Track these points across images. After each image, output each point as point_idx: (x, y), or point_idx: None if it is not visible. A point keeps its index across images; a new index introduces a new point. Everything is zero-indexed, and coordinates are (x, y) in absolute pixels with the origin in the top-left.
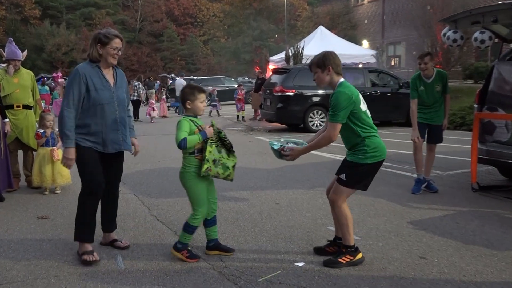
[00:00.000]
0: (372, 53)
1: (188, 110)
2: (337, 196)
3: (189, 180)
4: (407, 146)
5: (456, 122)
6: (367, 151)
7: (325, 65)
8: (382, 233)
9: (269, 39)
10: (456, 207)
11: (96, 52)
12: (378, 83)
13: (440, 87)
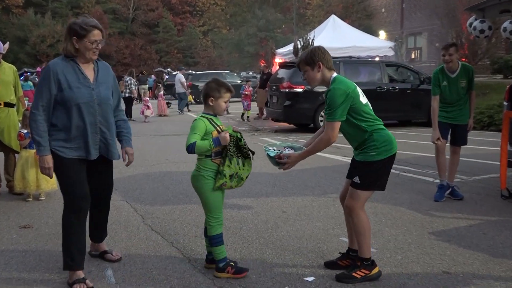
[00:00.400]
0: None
1: (208, 108)
2: (355, 201)
3: (205, 184)
4: (428, 148)
5: (484, 122)
6: (377, 146)
7: (315, 62)
8: (401, 245)
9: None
10: (483, 216)
11: (72, 47)
12: (396, 79)
13: (465, 83)
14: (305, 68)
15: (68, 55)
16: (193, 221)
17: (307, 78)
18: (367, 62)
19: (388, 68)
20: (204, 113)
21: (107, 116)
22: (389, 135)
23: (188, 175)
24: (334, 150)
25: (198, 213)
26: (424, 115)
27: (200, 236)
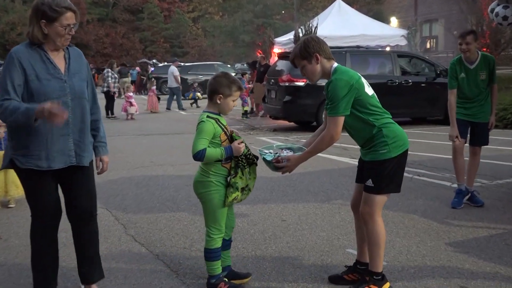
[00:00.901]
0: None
1: (214, 106)
2: (371, 208)
3: (213, 192)
4: (445, 149)
5: (507, 119)
6: (387, 142)
7: (311, 54)
8: (415, 257)
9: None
10: (506, 225)
11: (39, 32)
12: (410, 71)
13: (485, 75)
14: (302, 63)
15: (34, 41)
16: (181, 231)
17: (306, 74)
18: (377, 52)
19: (400, 59)
20: (209, 112)
21: (82, 113)
22: (399, 129)
23: (176, 179)
24: (341, 152)
25: (187, 222)
26: (441, 111)
27: (189, 248)
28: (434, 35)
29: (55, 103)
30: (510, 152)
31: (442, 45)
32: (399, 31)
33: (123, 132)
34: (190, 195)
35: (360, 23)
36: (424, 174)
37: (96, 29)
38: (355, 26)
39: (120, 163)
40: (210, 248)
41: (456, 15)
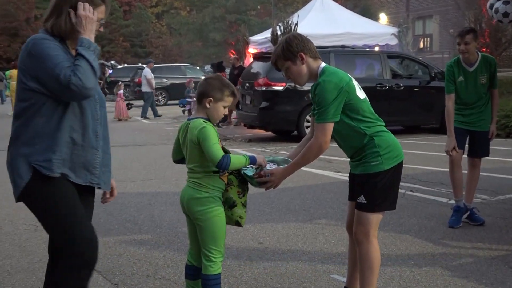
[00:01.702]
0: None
1: (203, 110)
2: (365, 227)
3: (213, 209)
4: (442, 161)
5: (510, 128)
6: (379, 153)
7: (294, 53)
8: (408, 283)
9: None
10: (509, 245)
11: (68, 23)
12: (401, 73)
13: (486, 79)
14: (286, 65)
15: (56, 34)
16: (144, 256)
17: (291, 77)
18: (364, 52)
19: (390, 61)
20: (199, 118)
21: (106, 126)
22: (393, 139)
23: (137, 197)
24: (324, 165)
25: (151, 245)
26: (436, 119)
27: (152, 275)
28: (428, 34)
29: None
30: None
31: (437, 45)
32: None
33: None
34: (154, 215)
35: (346, 20)
36: (418, 190)
37: None
38: (339, 23)
39: None
40: (212, 274)
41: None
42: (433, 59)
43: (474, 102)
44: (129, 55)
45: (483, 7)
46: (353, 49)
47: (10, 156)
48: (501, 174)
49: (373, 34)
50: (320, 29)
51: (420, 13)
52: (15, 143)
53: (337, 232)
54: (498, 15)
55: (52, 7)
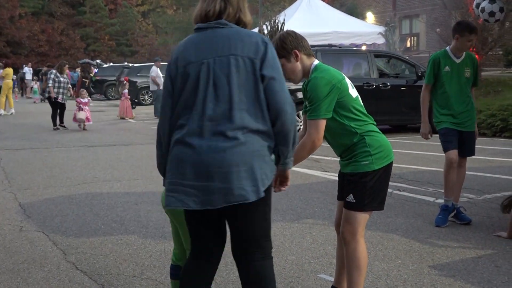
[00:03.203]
0: (380, 31)
1: None
2: (353, 227)
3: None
4: (429, 160)
5: (496, 127)
6: (370, 153)
7: (289, 51)
8: (395, 282)
9: None
10: (496, 244)
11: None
12: (388, 73)
13: (470, 73)
14: (280, 62)
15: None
16: (130, 256)
17: (286, 75)
18: (351, 52)
19: (377, 60)
20: None
21: None
22: (384, 139)
23: (124, 197)
24: (312, 164)
25: (137, 246)
26: None
27: (139, 275)
28: (415, 33)
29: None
30: (499, 163)
31: (424, 44)
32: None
33: (63, 143)
34: (140, 215)
35: (332, 19)
36: (405, 189)
37: (30, 24)
38: (326, 22)
39: (58, 180)
40: (179, 265)
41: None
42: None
43: (457, 96)
44: (114, 54)
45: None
46: (340, 48)
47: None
48: (488, 173)
49: (360, 33)
50: (307, 28)
51: (407, 12)
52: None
53: (324, 232)
54: (484, 14)
55: (238, 3)
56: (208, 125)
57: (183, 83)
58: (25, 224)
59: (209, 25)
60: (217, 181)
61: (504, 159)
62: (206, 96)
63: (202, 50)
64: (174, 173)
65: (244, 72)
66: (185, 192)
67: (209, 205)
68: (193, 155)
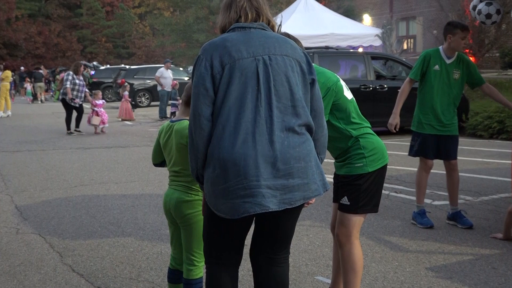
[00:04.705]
0: (377, 33)
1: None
2: (347, 229)
3: (201, 211)
4: None
5: (493, 129)
6: (364, 155)
7: None
8: (392, 284)
9: None
10: (493, 247)
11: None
12: (385, 75)
13: (459, 75)
14: None
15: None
16: (127, 258)
17: None
18: (348, 54)
19: (374, 62)
20: (186, 119)
21: None
22: (378, 141)
23: (121, 199)
24: None
25: (134, 248)
26: None
27: (135, 278)
28: (412, 35)
29: None
30: (496, 165)
31: (420, 46)
32: (372, 30)
33: (59, 145)
34: (137, 217)
35: (329, 21)
36: (402, 191)
37: (27, 26)
38: (323, 24)
39: (55, 182)
40: (194, 278)
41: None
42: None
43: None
44: (111, 56)
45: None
46: (337, 50)
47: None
48: (484, 175)
49: (357, 35)
50: (304, 30)
51: (403, 14)
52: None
53: (321, 234)
54: (481, 17)
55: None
56: (277, 121)
57: (234, 78)
58: (21, 226)
59: (252, 25)
60: (297, 178)
61: (501, 161)
62: (270, 91)
63: (254, 47)
64: (240, 177)
65: (296, 72)
66: (262, 194)
67: (288, 205)
68: (267, 153)
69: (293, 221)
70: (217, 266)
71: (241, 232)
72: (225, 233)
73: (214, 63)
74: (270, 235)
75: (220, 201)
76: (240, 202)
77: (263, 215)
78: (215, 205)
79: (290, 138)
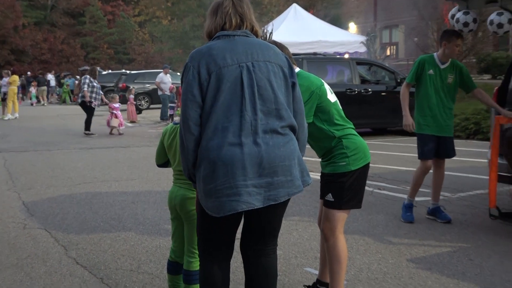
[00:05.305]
0: (362, 40)
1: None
2: (332, 224)
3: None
4: (407, 161)
5: (470, 130)
6: (347, 154)
7: None
8: (376, 275)
9: None
10: (469, 239)
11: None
12: (369, 79)
13: (452, 79)
14: None
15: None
16: (127, 252)
17: None
18: (335, 59)
19: (359, 67)
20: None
21: None
22: (361, 141)
23: (121, 196)
24: None
25: (134, 242)
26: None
27: (136, 270)
28: (394, 42)
29: None
30: (472, 164)
31: (402, 52)
32: (358, 37)
33: (63, 146)
34: (137, 213)
35: (317, 29)
36: (385, 188)
37: (33, 33)
38: (312, 31)
39: (60, 180)
40: (193, 270)
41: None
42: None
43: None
44: (113, 61)
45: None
46: (324, 56)
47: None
48: (461, 173)
49: (343, 42)
50: (294, 38)
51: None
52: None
53: (309, 228)
54: (459, 25)
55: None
56: (261, 123)
57: (220, 84)
58: (28, 221)
59: (236, 33)
60: (281, 175)
61: (477, 159)
62: (254, 96)
63: (238, 54)
64: (227, 177)
65: (279, 77)
66: (248, 192)
67: (273, 201)
68: (253, 153)
69: (279, 215)
70: (209, 260)
71: (230, 228)
72: (216, 229)
73: (201, 70)
74: (258, 229)
75: (209, 199)
76: (227, 201)
77: (250, 212)
78: (205, 203)
79: (275, 139)
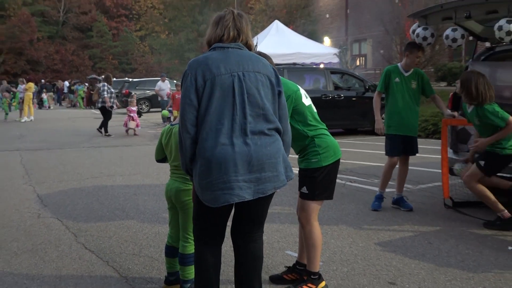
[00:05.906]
0: (335, 52)
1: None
2: (307, 213)
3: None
4: (375, 157)
5: (428, 130)
6: (319, 152)
7: None
8: (347, 257)
9: None
10: (428, 225)
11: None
12: (341, 86)
13: (415, 85)
14: None
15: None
16: (130, 238)
17: None
18: (312, 69)
19: (333, 76)
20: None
21: None
22: (332, 140)
23: (125, 189)
24: None
25: (136, 229)
26: (370, 123)
27: (137, 253)
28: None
29: None
30: (431, 160)
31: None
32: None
33: (73, 145)
34: (138, 204)
35: (296, 42)
36: (355, 181)
37: (46, 46)
38: (291, 44)
39: (70, 175)
40: (188, 253)
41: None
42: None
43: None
44: (117, 70)
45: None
46: (302, 66)
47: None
48: (422, 167)
49: (318, 54)
50: (276, 50)
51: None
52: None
53: (290, 216)
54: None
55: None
56: (250, 126)
57: (214, 91)
58: (42, 211)
59: (230, 45)
60: (268, 171)
61: (435, 156)
62: (244, 102)
63: (231, 64)
64: (221, 172)
65: (266, 86)
66: (239, 186)
67: (261, 194)
68: (243, 152)
69: (266, 206)
70: (203, 245)
71: (222, 216)
72: (210, 218)
73: (197, 78)
74: (247, 218)
75: (205, 192)
76: (221, 194)
77: (241, 203)
78: (201, 195)
79: (262, 139)
